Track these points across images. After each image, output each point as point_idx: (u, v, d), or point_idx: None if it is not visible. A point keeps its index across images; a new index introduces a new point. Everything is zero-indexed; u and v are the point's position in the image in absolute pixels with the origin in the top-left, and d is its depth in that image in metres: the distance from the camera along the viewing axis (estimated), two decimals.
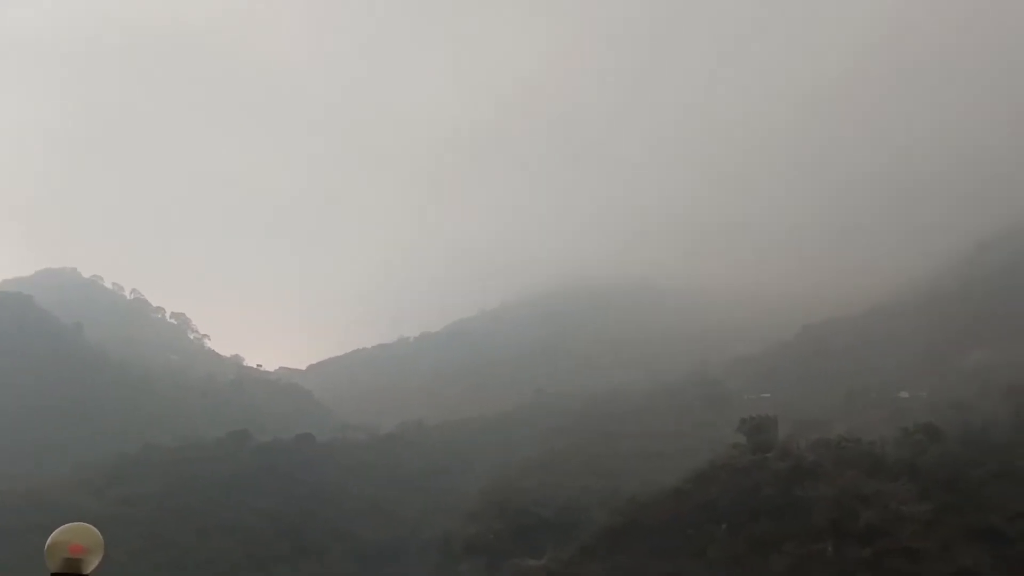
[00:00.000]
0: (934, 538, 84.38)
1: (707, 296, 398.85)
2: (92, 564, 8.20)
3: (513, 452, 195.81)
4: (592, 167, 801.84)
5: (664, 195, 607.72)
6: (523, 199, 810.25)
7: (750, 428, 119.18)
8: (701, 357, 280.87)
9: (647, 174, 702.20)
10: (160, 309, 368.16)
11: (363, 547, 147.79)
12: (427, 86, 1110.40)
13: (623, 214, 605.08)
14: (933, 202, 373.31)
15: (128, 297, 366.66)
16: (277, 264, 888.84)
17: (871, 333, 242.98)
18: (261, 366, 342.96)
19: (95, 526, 8.39)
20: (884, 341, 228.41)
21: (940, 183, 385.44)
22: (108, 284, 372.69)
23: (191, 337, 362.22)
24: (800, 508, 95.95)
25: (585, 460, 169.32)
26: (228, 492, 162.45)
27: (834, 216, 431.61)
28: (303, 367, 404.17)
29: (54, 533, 8.24)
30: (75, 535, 8.20)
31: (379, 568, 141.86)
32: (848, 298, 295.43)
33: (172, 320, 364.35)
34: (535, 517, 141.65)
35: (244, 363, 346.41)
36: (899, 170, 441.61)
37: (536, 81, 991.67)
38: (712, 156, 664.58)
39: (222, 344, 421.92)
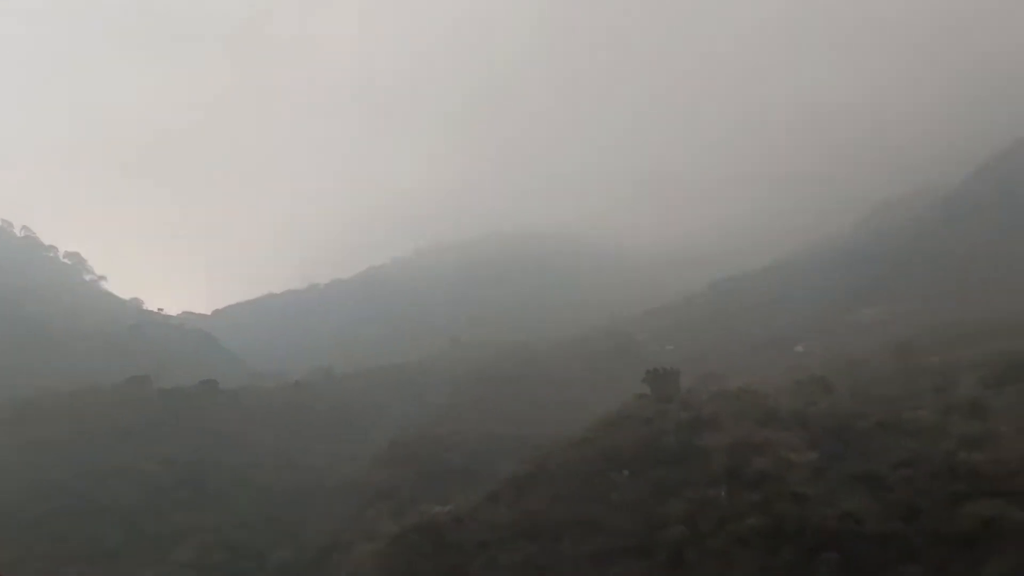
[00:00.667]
0: (820, 484, 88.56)
1: (623, 250, 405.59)
2: None
3: (426, 401, 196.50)
4: (509, 117, 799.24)
5: (582, 149, 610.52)
6: (439, 147, 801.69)
7: (655, 379, 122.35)
8: (612, 309, 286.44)
9: (564, 127, 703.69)
10: (53, 248, 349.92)
11: (267, 494, 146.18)
12: (347, 28, 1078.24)
13: (540, 166, 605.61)
14: (840, 165, 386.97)
15: (18, 235, 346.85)
16: (178, 206, 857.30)
17: (774, 289, 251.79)
18: (163, 310, 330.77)
19: None
20: (785, 298, 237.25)
21: (846, 148, 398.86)
22: None
23: (87, 279, 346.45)
24: (698, 456, 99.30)
25: (496, 409, 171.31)
26: (127, 438, 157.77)
27: (744, 177, 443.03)
28: (208, 312, 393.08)
29: None
30: None
31: (283, 514, 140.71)
32: (754, 256, 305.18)
33: (66, 260, 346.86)
34: (444, 464, 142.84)
35: (144, 307, 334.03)
36: (810, 134, 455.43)
37: (455, 29, 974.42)
38: (634, 112, 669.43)
39: (120, 287, 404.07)
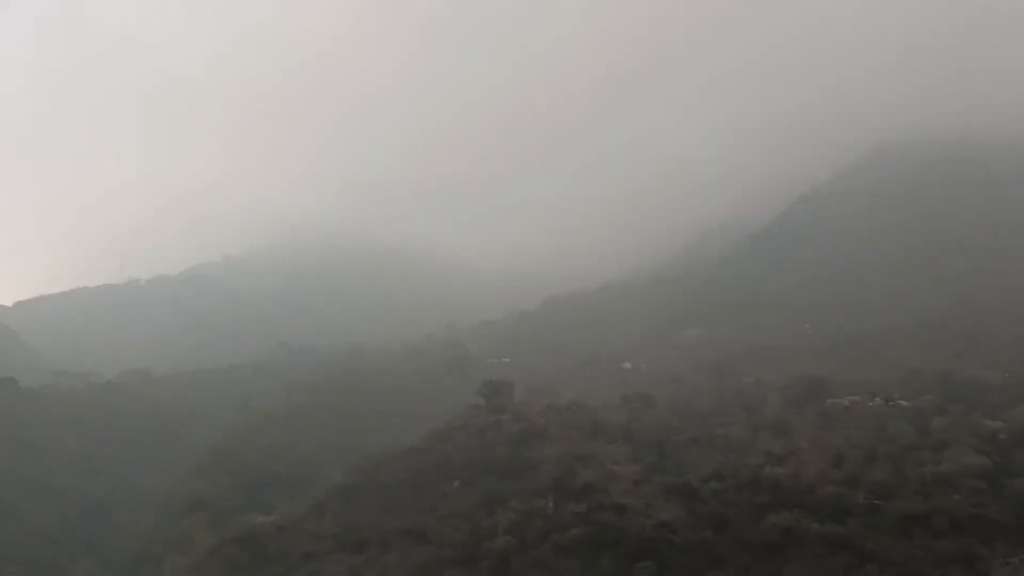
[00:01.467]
0: (639, 495, 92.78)
1: (460, 263, 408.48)
2: None
3: (251, 407, 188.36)
4: (352, 126, 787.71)
5: (422, 164, 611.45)
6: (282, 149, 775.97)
7: (488, 390, 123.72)
8: (448, 320, 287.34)
9: (415, 142, 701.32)
10: None
11: (69, 504, 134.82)
12: (162, 22, 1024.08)
13: (383, 178, 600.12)
14: (665, 196, 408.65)
15: None
16: None
17: (605, 308, 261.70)
18: None
19: None
20: (615, 316, 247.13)
21: (671, 180, 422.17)
22: None
23: None
24: (527, 467, 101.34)
25: (325, 416, 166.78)
26: None
27: (580, 201, 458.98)
28: (8, 304, 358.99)
29: None
30: None
31: (85, 526, 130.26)
32: (588, 275, 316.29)
33: None
34: (267, 473, 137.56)
35: None
36: (637, 164, 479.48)
37: (274, 28, 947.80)
38: (475, 131, 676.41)
39: None
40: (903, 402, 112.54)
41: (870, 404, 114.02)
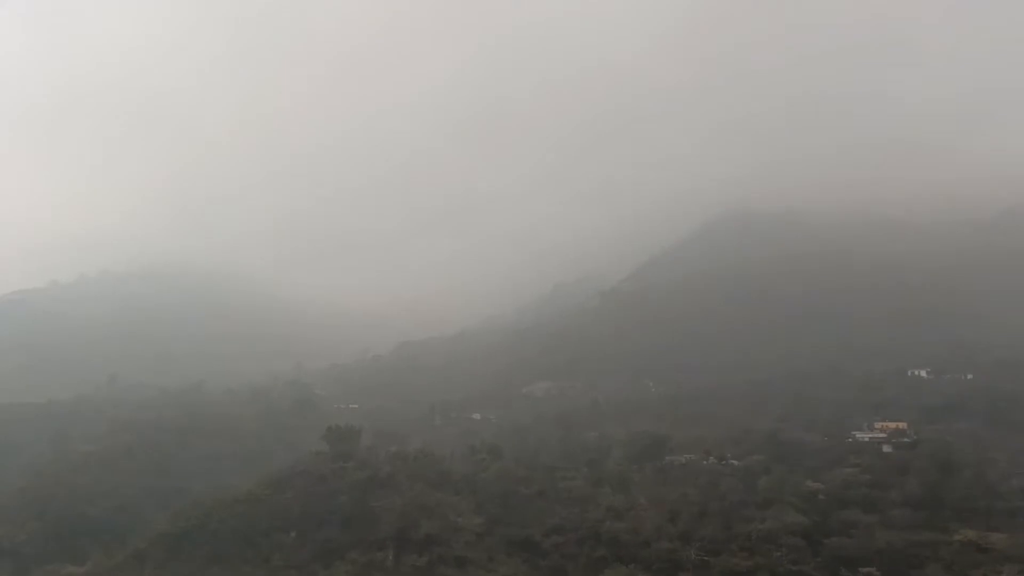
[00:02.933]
0: (482, 548, 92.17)
1: (313, 303, 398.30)
2: None
3: (70, 445, 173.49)
4: (206, 161, 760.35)
5: (279, 201, 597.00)
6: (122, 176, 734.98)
7: (334, 436, 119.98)
8: (297, 361, 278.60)
9: (257, 178, 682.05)
10: None
11: None
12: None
13: (237, 213, 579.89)
14: (522, 248, 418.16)
15: None
16: None
17: (458, 356, 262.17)
18: None
19: None
20: (467, 364, 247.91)
21: (529, 234, 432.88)
22: None
23: None
24: (370, 517, 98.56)
25: (153, 457, 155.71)
26: None
27: (439, 248, 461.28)
28: None
29: None
30: None
31: None
32: (443, 322, 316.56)
33: None
34: (83, 518, 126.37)
35: None
36: (495, 214, 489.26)
37: (118, 55, 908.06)
38: (328, 172, 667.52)
39: None
40: (734, 461, 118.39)
41: (704, 462, 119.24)
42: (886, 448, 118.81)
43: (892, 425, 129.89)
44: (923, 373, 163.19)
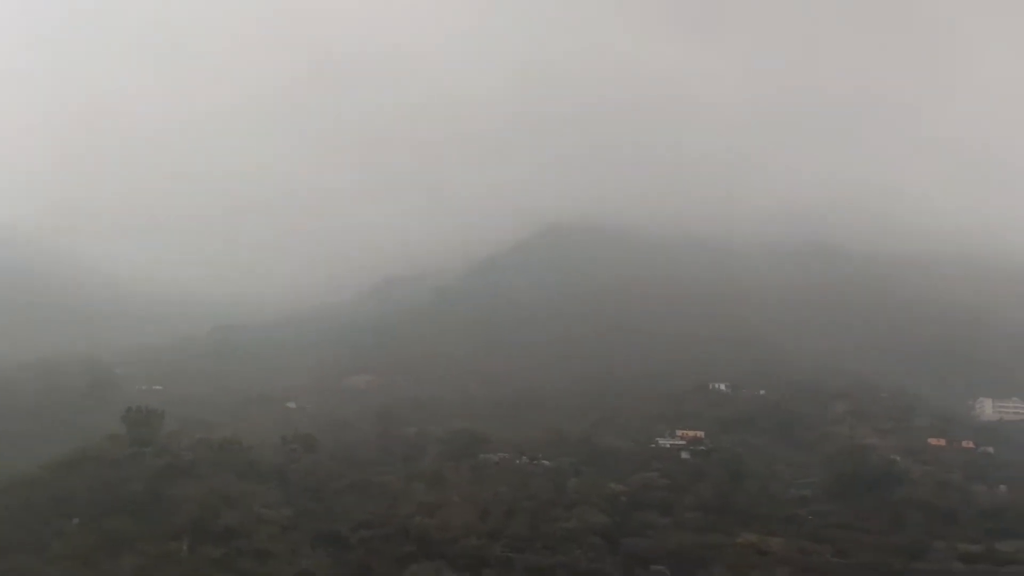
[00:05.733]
0: (286, 541, 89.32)
1: (119, 279, 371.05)
2: None
3: None
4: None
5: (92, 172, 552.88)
6: None
7: (133, 420, 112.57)
8: (95, 338, 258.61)
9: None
10: None
11: None
12: None
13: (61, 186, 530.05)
14: (357, 239, 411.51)
15: None
16: None
17: (278, 343, 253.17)
18: None
19: None
20: (288, 351, 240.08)
21: (367, 228, 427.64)
22: None
23: None
24: (166, 506, 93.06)
25: None
26: None
27: (269, 227, 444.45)
28: None
29: None
30: None
31: None
32: (266, 306, 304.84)
33: None
34: None
35: None
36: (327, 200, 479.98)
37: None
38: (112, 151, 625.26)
39: None
40: (546, 462, 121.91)
41: (518, 462, 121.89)
42: (684, 455, 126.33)
43: (691, 434, 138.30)
44: (723, 387, 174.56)
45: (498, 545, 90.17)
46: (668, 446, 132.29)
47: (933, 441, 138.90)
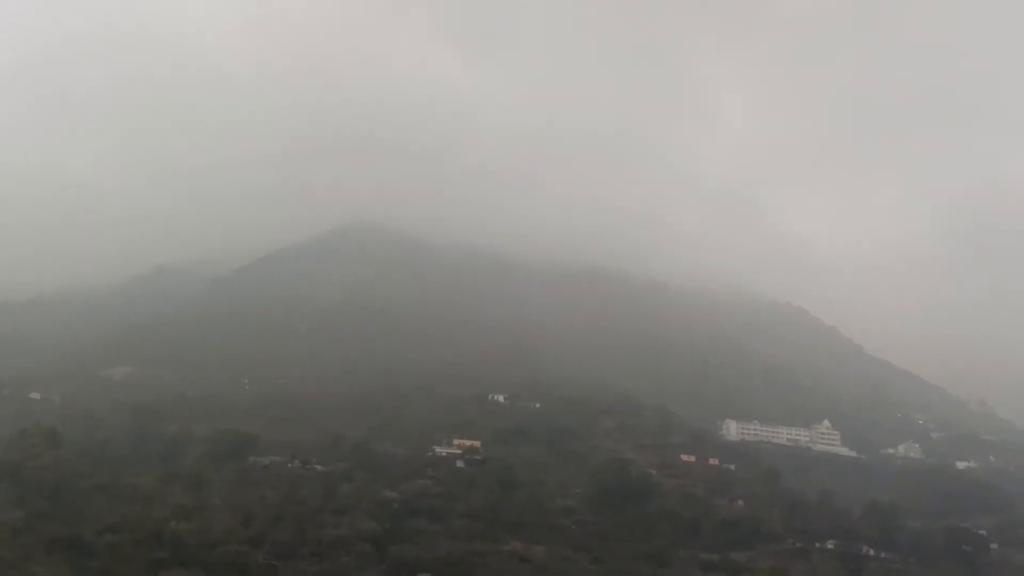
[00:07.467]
0: (17, 546, 79.89)
1: None
2: None
3: None
4: None
5: None
6: None
7: None
8: None
9: None
10: None
11: None
12: None
13: None
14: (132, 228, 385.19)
15: None
16: None
17: (25, 325, 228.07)
18: None
19: None
20: (37, 335, 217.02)
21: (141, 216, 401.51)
22: None
23: None
24: None
25: None
26: None
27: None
28: None
29: None
30: None
31: None
32: (11, 285, 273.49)
33: None
34: None
35: None
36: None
37: None
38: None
39: None
40: (319, 466, 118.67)
41: (289, 466, 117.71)
42: (459, 464, 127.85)
43: (468, 443, 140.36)
44: (501, 398, 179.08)
45: (261, 552, 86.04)
46: (444, 454, 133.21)
47: (685, 457, 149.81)
